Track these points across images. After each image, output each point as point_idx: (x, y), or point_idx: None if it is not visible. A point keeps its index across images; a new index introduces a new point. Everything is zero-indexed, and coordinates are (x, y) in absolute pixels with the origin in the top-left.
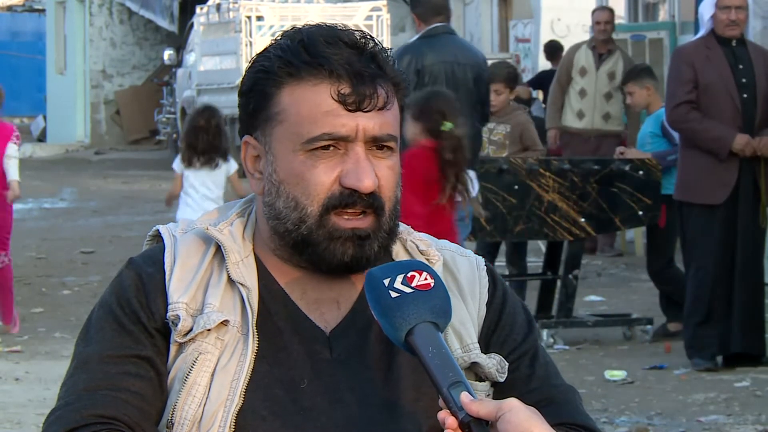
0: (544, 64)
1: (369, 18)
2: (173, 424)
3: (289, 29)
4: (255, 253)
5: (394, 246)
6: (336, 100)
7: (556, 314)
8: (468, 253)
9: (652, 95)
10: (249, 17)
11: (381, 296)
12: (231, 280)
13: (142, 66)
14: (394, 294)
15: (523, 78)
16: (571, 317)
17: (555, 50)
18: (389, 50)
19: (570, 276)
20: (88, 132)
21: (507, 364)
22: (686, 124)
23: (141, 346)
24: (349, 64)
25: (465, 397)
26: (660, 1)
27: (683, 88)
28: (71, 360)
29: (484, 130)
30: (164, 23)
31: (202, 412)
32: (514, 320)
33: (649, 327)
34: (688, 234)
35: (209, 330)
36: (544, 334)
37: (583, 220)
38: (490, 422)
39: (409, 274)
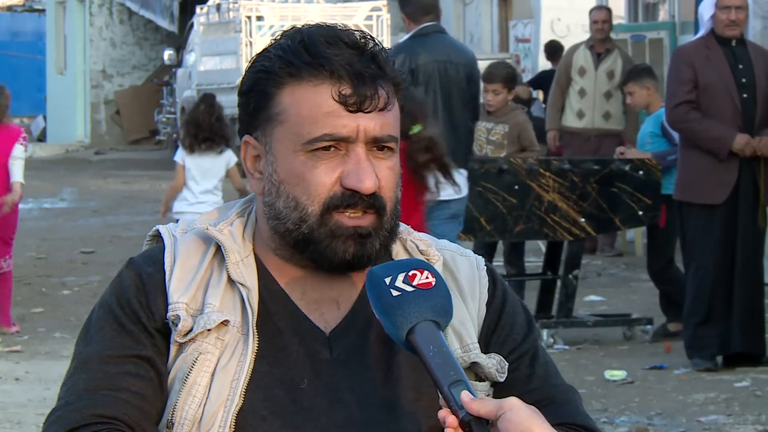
0: (544, 64)
1: (369, 18)
2: (173, 424)
3: (289, 29)
4: (255, 253)
5: (393, 246)
6: (337, 101)
7: (556, 314)
8: (468, 252)
9: (653, 95)
10: (249, 17)
11: (382, 295)
12: (231, 280)
13: (142, 66)
14: (395, 292)
15: (523, 78)
16: (571, 317)
17: (555, 50)
18: (389, 50)
19: (570, 276)
20: (88, 132)
21: (507, 364)
22: (686, 124)
23: (141, 346)
24: (350, 64)
25: (465, 396)
26: (660, 1)
27: (683, 88)
28: (71, 360)
29: (482, 130)
30: (164, 23)
31: (202, 412)
32: (514, 320)
33: (649, 327)
34: (688, 234)
35: (209, 330)
36: (544, 334)
37: (583, 220)
38: (490, 421)
39: (410, 273)
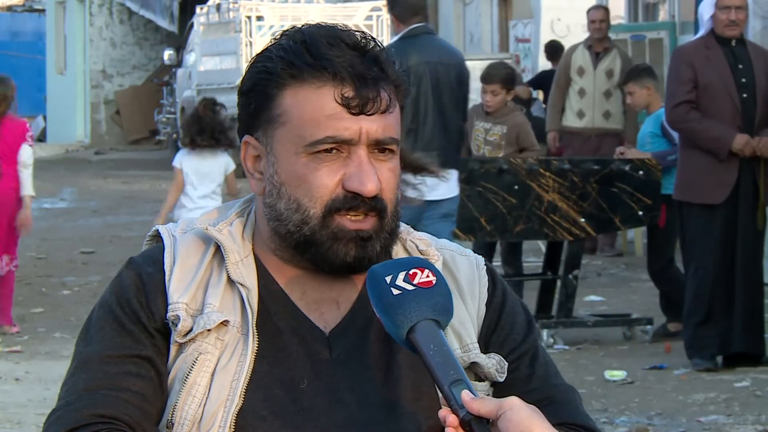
0: (544, 64)
1: (369, 18)
2: (173, 424)
3: (290, 29)
4: (254, 253)
5: (393, 246)
6: (339, 103)
7: (556, 314)
8: (468, 252)
9: (653, 95)
10: (249, 17)
11: (383, 293)
12: (231, 280)
13: (142, 66)
14: (395, 291)
15: (523, 78)
16: (571, 317)
17: (555, 50)
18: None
19: (570, 276)
20: (88, 132)
21: (506, 363)
22: (686, 123)
23: (141, 346)
24: (352, 66)
25: (466, 395)
26: (660, 1)
27: (683, 88)
28: (71, 360)
29: (480, 130)
30: (164, 23)
31: (202, 412)
32: (514, 320)
33: (649, 327)
34: (688, 234)
35: (209, 330)
36: (544, 334)
37: (583, 220)
38: (491, 420)
39: (410, 272)
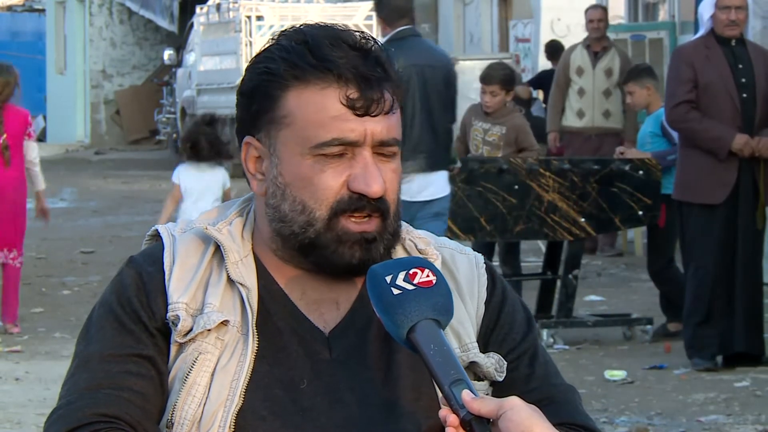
0: (544, 64)
1: (369, 18)
2: (173, 423)
3: (290, 29)
4: (254, 253)
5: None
6: (344, 105)
7: (556, 314)
8: (467, 250)
9: (653, 95)
10: (249, 17)
11: (383, 293)
12: (230, 280)
13: (142, 66)
14: (396, 291)
15: (523, 78)
16: (571, 317)
17: (556, 50)
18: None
19: (570, 276)
20: (88, 132)
21: (505, 363)
22: (685, 123)
23: (142, 345)
24: (356, 67)
25: (466, 395)
26: (660, 1)
27: (683, 88)
28: (72, 359)
29: (479, 130)
30: (164, 23)
31: (202, 412)
32: (513, 319)
33: (649, 327)
34: (688, 234)
35: (209, 330)
36: (544, 334)
37: (583, 220)
38: (491, 420)
39: (411, 271)
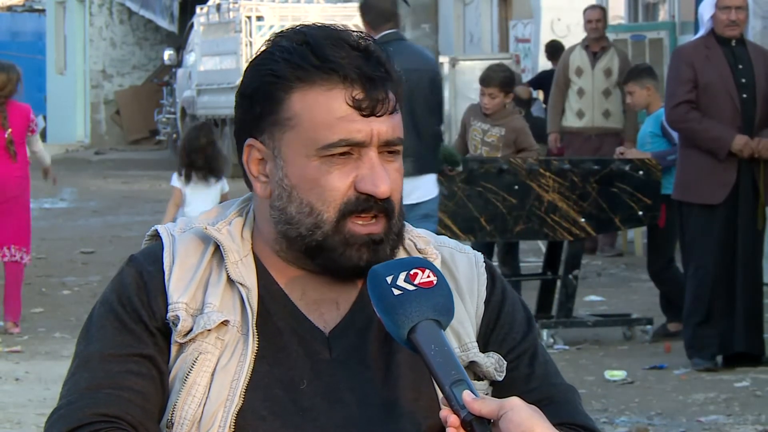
0: (544, 64)
1: None
2: (173, 423)
3: (287, 30)
4: (254, 252)
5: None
6: (351, 106)
7: (556, 314)
8: (467, 249)
9: (653, 95)
10: (249, 17)
11: (384, 294)
12: (230, 280)
13: (142, 66)
14: (396, 291)
15: (523, 78)
16: (571, 317)
17: (556, 50)
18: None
19: (570, 276)
20: (88, 132)
21: (505, 362)
22: (685, 123)
23: (143, 344)
24: (360, 68)
25: (467, 396)
26: (660, 1)
27: (683, 88)
28: (73, 359)
29: (478, 131)
30: (164, 23)
31: (202, 412)
32: (513, 318)
33: (649, 327)
34: (688, 234)
35: (209, 330)
36: (544, 334)
37: (583, 220)
38: (492, 421)
39: (411, 272)
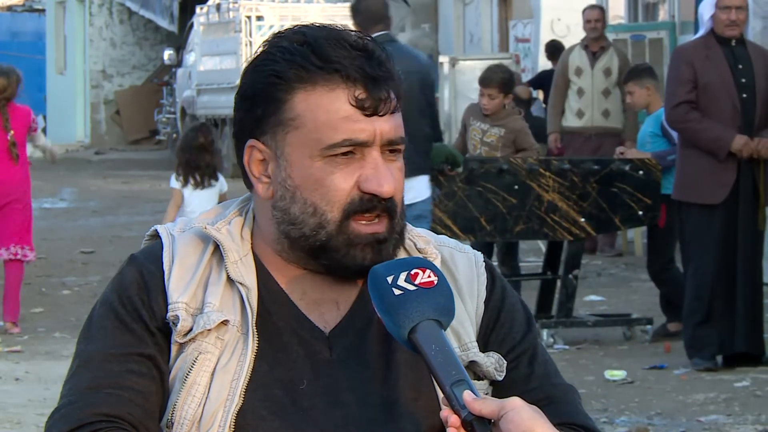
0: (544, 64)
1: None
2: (173, 423)
3: (286, 31)
4: (254, 252)
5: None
6: (354, 106)
7: (556, 314)
8: (467, 248)
9: (652, 95)
10: (249, 17)
11: (384, 294)
12: (230, 279)
13: (142, 66)
14: (397, 291)
15: (523, 78)
16: (571, 317)
17: (556, 50)
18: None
19: (570, 276)
20: (88, 132)
21: (505, 362)
22: (685, 123)
23: (143, 344)
24: (362, 68)
25: (468, 396)
26: (660, 1)
27: (683, 88)
28: (73, 358)
29: (477, 131)
30: (164, 23)
31: (202, 412)
32: (513, 318)
33: (649, 327)
34: (688, 234)
35: (209, 330)
36: (544, 334)
37: (583, 220)
38: (492, 421)
39: (412, 272)
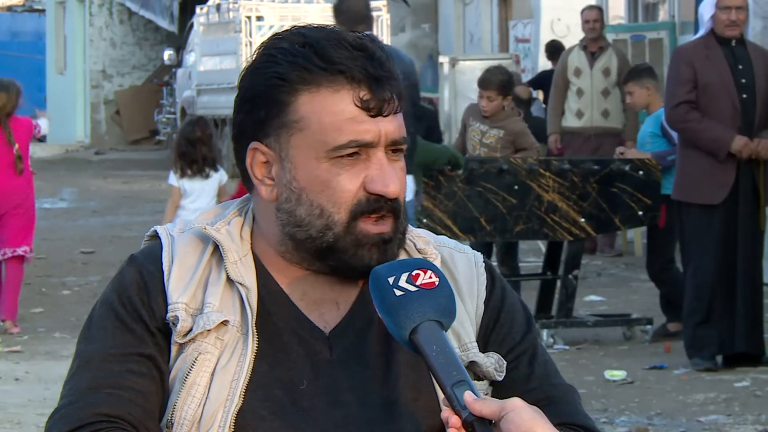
0: (544, 64)
1: None
2: (173, 424)
3: (285, 32)
4: (253, 253)
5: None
6: (358, 107)
7: (556, 314)
8: (466, 249)
9: (652, 95)
10: (249, 17)
11: (385, 295)
12: (230, 280)
13: (142, 66)
14: (398, 292)
15: (523, 78)
16: (571, 317)
17: (556, 50)
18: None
19: (570, 276)
20: (88, 132)
21: (505, 362)
22: (685, 124)
23: (143, 344)
24: (365, 68)
25: (469, 396)
26: (660, 1)
27: (683, 88)
28: (73, 358)
29: (476, 131)
30: (164, 23)
31: (202, 412)
32: (513, 318)
33: (649, 327)
34: (687, 234)
35: (209, 330)
36: (544, 334)
37: (583, 220)
38: (493, 421)
39: (413, 273)
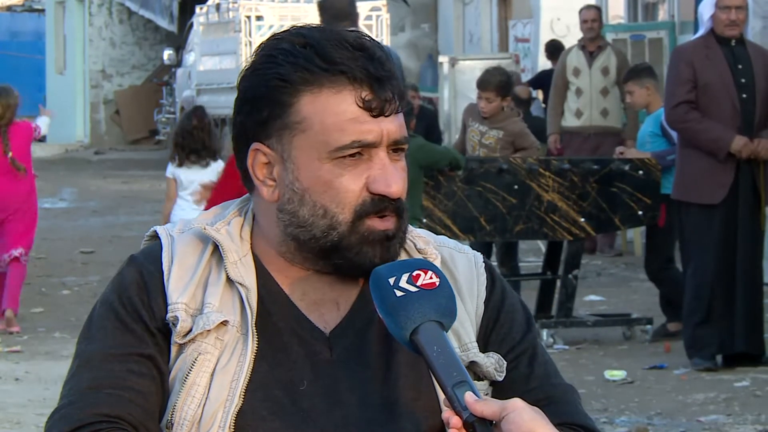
0: (543, 64)
1: (369, 18)
2: (173, 424)
3: (284, 32)
4: (253, 253)
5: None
6: (361, 107)
7: (555, 314)
8: (466, 249)
9: (652, 95)
10: (248, 17)
11: (386, 295)
12: (230, 280)
13: (141, 66)
14: (399, 293)
15: (523, 78)
16: (571, 317)
17: (556, 50)
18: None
19: (570, 276)
20: (88, 132)
21: (505, 362)
22: (685, 123)
23: (143, 344)
24: (366, 68)
25: (469, 397)
26: (660, 1)
27: (682, 88)
28: (73, 358)
29: (476, 132)
30: (164, 23)
31: (202, 413)
32: (513, 318)
33: (649, 327)
34: (687, 234)
35: (209, 330)
36: (544, 334)
37: (582, 219)
38: (494, 422)
39: (414, 273)
